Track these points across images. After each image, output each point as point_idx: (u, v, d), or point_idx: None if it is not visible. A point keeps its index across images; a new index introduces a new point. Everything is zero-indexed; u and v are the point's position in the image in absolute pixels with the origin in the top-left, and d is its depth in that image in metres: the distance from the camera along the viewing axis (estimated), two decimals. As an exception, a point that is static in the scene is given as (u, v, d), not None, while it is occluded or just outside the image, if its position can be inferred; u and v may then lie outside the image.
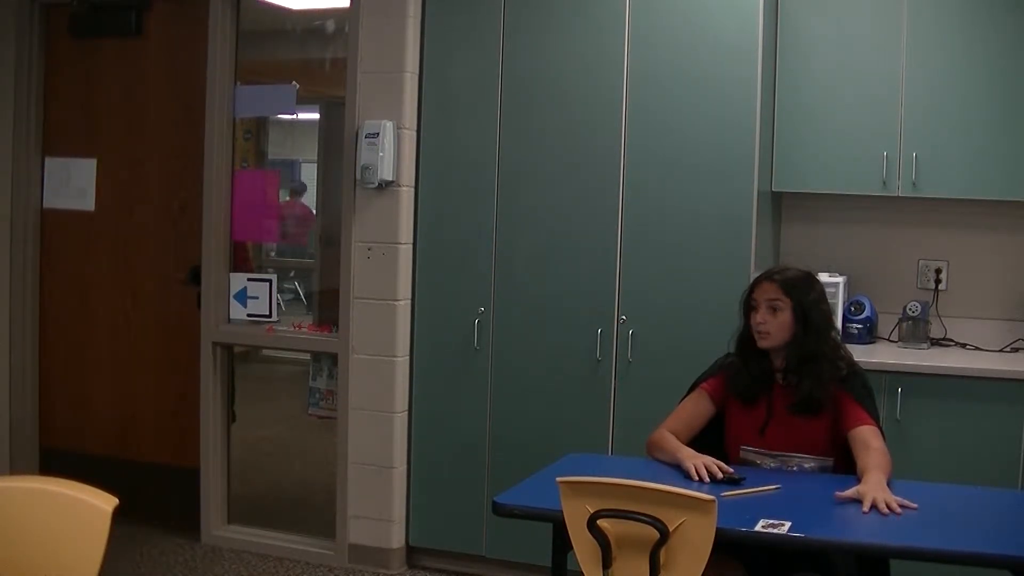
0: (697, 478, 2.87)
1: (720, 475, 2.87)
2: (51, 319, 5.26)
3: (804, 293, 3.05)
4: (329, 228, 4.84)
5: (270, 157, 5.22)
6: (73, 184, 5.17)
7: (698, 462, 2.92)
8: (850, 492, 2.68)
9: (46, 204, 5.22)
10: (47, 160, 5.21)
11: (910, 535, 2.53)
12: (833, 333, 3.13)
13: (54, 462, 5.11)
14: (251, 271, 4.94)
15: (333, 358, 4.66)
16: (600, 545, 2.49)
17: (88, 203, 5.15)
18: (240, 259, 4.92)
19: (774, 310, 3.04)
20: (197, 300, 4.85)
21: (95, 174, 5.15)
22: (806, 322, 3.03)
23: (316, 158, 5.19)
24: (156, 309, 5.08)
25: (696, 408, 3.18)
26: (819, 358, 3.02)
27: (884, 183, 4.18)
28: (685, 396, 3.24)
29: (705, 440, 3.16)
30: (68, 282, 5.23)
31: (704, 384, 3.20)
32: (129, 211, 5.13)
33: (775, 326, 3.04)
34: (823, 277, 4.19)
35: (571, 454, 3.38)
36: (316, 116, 5.25)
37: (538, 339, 4.36)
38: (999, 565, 2.40)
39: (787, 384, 3.08)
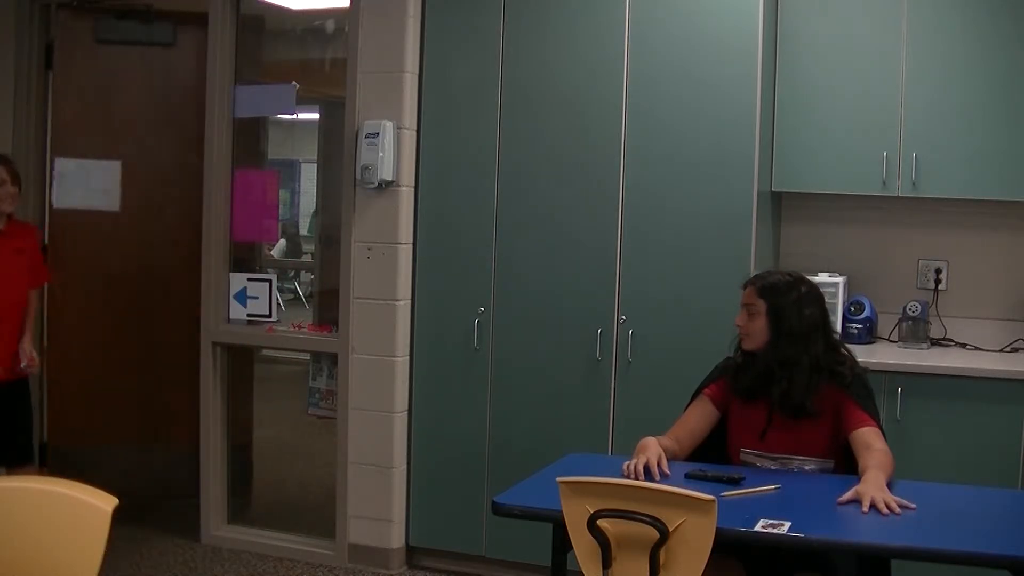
0: (625, 474, 2.86)
1: (656, 476, 2.85)
2: (65, 317, 5.27)
3: (780, 298, 3.06)
4: (329, 228, 4.84)
5: (270, 157, 5.22)
6: (92, 185, 5.19)
7: (635, 460, 2.91)
8: (849, 494, 2.69)
9: (66, 204, 5.22)
10: (59, 161, 5.21)
11: (910, 535, 2.54)
12: (828, 337, 3.12)
13: (58, 460, 5.13)
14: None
15: (333, 358, 4.66)
16: (600, 545, 2.49)
17: (114, 204, 5.19)
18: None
19: (750, 314, 3.08)
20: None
21: (119, 176, 5.18)
22: (780, 326, 3.05)
23: (316, 158, 5.20)
24: (178, 310, 5.12)
25: (699, 414, 3.18)
26: (794, 364, 3.02)
27: (884, 183, 4.18)
28: (689, 404, 3.25)
29: (707, 444, 3.17)
30: (85, 281, 5.25)
31: (706, 389, 3.21)
32: (159, 212, 5.20)
33: (751, 329, 3.08)
34: (823, 277, 4.21)
35: (571, 454, 3.38)
36: (316, 116, 5.25)
37: (538, 339, 4.36)
38: (999, 565, 2.40)
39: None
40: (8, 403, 4.22)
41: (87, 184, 5.19)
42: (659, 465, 2.88)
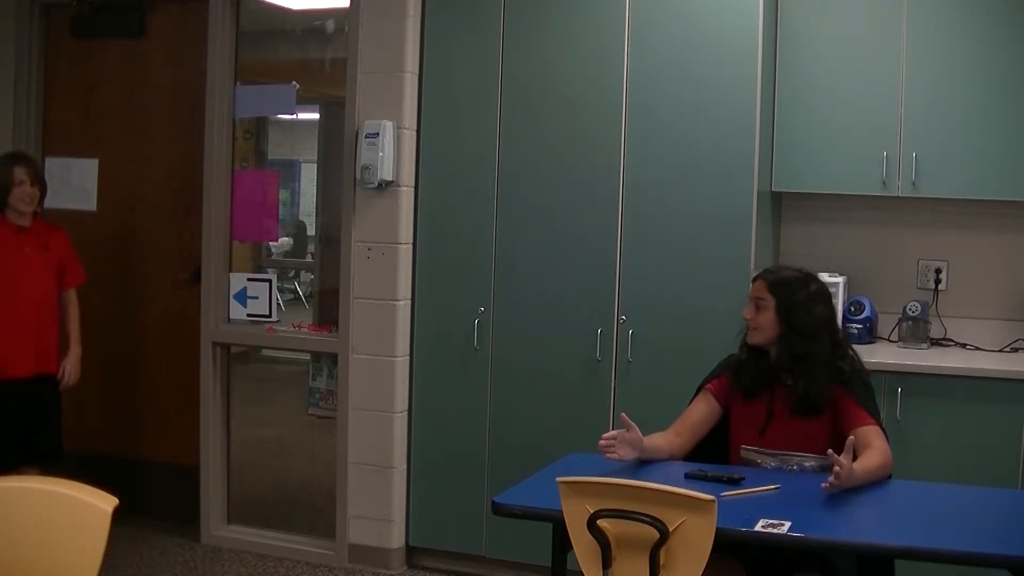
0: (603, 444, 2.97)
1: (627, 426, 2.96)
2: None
3: (791, 293, 3.08)
4: (329, 228, 4.84)
5: (270, 157, 5.22)
6: (75, 184, 5.16)
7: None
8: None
9: (47, 204, 5.21)
10: (48, 160, 5.20)
11: (910, 535, 2.54)
12: (835, 335, 3.13)
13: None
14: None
15: (333, 358, 4.66)
16: (600, 545, 2.49)
17: (90, 203, 5.15)
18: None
19: (758, 308, 3.09)
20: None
21: (97, 174, 5.14)
22: (790, 322, 3.05)
23: (316, 158, 5.19)
24: (159, 308, 5.08)
25: (701, 410, 3.19)
26: (809, 359, 3.04)
27: (884, 183, 4.18)
28: (692, 399, 3.25)
29: (709, 442, 3.18)
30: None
31: (708, 385, 3.22)
32: (132, 211, 5.13)
33: (759, 323, 3.09)
34: (823, 277, 4.19)
35: (571, 454, 3.38)
36: (316, 116, 5.24)
37: (538, 339, 4.36)
38: (999, 565, 2.40)
39: (785, 384, 3.09)
40: (33, 401, 4.20)
41: (69, 183, 5.16)
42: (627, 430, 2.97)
